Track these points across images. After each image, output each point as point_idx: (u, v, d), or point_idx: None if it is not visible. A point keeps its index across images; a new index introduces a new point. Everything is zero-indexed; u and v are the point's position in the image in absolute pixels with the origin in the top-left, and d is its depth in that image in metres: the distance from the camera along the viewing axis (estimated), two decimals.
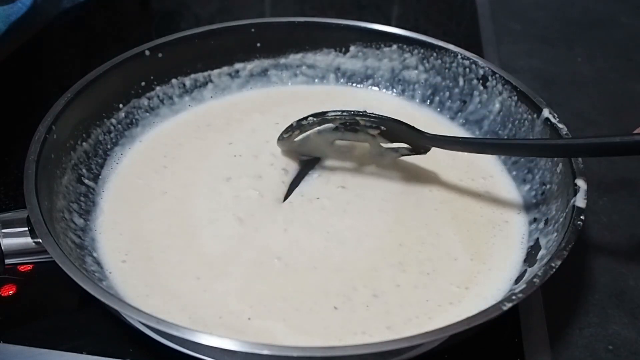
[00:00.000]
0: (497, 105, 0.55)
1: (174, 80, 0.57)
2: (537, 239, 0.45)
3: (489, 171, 0.53)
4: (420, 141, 0.48)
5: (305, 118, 0.49)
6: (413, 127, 0.47)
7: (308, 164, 0.53)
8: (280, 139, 0.51)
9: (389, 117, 0.47)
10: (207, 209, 0.48)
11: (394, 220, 0.48)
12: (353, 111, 0.48)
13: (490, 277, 0.44)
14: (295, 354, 0.32)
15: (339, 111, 0.48)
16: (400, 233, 0.46)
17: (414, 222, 0.48)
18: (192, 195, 0.49)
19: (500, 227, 0.48)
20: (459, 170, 0.53)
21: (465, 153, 0.54)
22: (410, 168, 0.52)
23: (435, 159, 0.53)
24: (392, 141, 0.49)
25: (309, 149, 0.52)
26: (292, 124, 0.49)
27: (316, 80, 0.62)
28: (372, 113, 0.47)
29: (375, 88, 0.62)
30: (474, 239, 0.47)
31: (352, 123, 0.48)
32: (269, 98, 0.60)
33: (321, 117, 0.48)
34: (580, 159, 0.44)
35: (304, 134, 0.50)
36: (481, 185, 0.52)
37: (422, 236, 0.46)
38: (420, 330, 0.34)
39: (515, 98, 0.53)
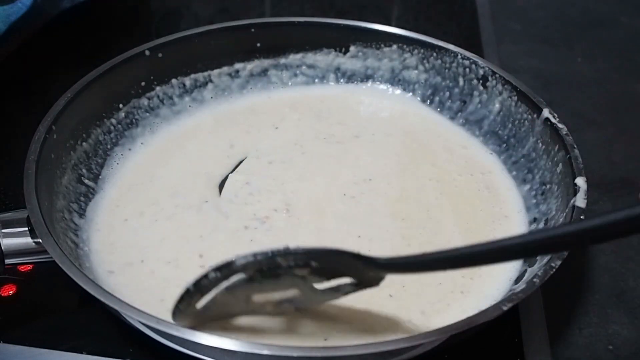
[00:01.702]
0: (497, 105, 0.55)
1: (174, 80, 0.57)
2: None
3: (488, 167, 0.53)
4: (370, 271, 0.35)
5: (205, 276, 0.34)
6: (359, 256, 0.34)
7: None
8: (176, 312, 0.36)
9: (323, 249, 0.34)
10: (208, 210, 0.48)
11: (396, 194, 0.49)
12: (270, 252, 0.33)
13: (492, 272, 0.44)
14: (295, 354, 0.32)
15: (249, 256, 0.34)
16: (403, 212, 0.48)
17: (416, 206, 0.49)
18: (192, 196, 0.49)
19: (500, 221, 0.48)
20: (458, 165, 0.53)
21: (463, 155, 0.54)
22: (407, 159, 0.53)
23: (433, 152, 0.54)
24: (328, 278, 0.35)
25: (218, 313, 0.37)
26: (187, 289, 0.35)
27: (316, 80, 0.62)
28: (297, 249, 0.34)
29: (375, 89, 0.62)
30: (474, 232, 0.47)
31: (270, 267, 0.34)
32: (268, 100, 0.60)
33: (227, 269, 0.34)
34: (580, 159, 0.45)
35: (207, 297, 0.36)
36: (480, 181, 0.52)
37: (423, 220, 0.47)
38: (440, 319, 0.34)
39: (515, 98, 0.53)
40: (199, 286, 0.35)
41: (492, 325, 0.35)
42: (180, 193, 0.49)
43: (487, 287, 0.43)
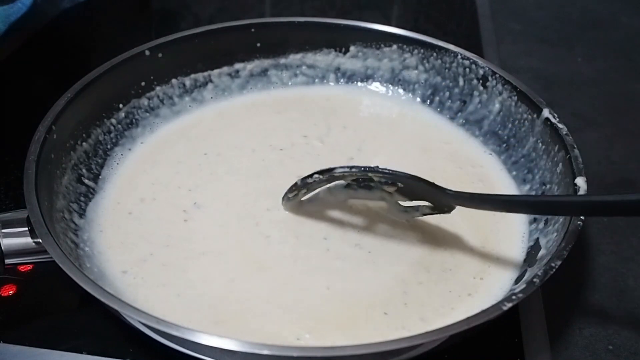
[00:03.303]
0: (497, 105, 0.55)
1: (174, 80, 0.57)
2: (537, 239, 0.45)
3: (488, 167, 0.53)
4: (443, 199, 0.43)
5: (311, 176, 0.44)
6: (433, 185, 0.42)
7: None
8: (285, 199, 0.46)
9: (405, 174, 0.42)
10: (209, 211, 0.48)
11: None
12: (364, 167, 0.43)
13: (499, 267, 0.44)
14: (295, 354, 0.32)
15: (347, 167, 0.43)
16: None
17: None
18: (193, 196, 0.49)
19: (502, 213, 0.48)
20: (458, 165, 0.53)
21: (463, 154, 0.54)
22: (407, 159, 0.53)
23: (433, 152, 0.54)
24: (411, 199, 0.44)
25: (318, 208, 0.47)
26: (296, 183, 0.45)
27: (316, 80, 0.62)
28: (385, 169, 0.43)
29: (375, 89, 0.62)
30: (479, 225, 0.47)
31: (365, 179, 0.44)
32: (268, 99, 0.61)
33: (328, 174, 0.44)
34: (580, 159, 0.44)
35: (312, 193, 0.46)
36: (479, 179, 0.52)
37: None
38: (446, 320, 0.35)
39: (515, 98, 0.53)
40: (305, 182, 0.45)
41: (492, 325, 0.35)
42: (182, 192, 0.49)
43: (494, 287, 0.43)
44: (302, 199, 0.46)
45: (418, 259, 0.44)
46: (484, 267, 0.44)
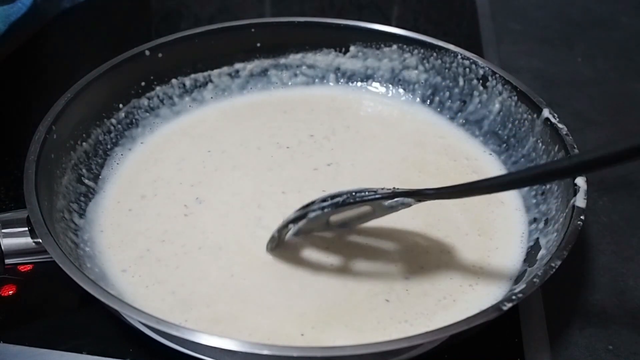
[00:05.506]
0: (497, 105, 0.55)
1: (174, 80, 0.57)
2: (537, 239, 0.45)
3: (488, 167, 0.53)
4: (425, 198, 0.41)
5: (285, 226, 0.42)
6: (412, 192, 0.40)
7: None
8: (269, 249, 0.44)
9: (379, 194, 0.40)
10: (212, 205, 0.48)
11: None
12: (336, 201, 0.40)
13: (498, 257, 0.45)
14: (295, 354, 0.32)
15: (318, 209, 0.40)
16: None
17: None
18: (195, 191, 0.49)
19: (496, 204, 0.49)
20: (458, 165, 0.54)
21: (462, 154, 0.54)
22: (406, 159, 0.53)
23: (433, 152, 0.54)
24: (394, 198, 0.41)
25: (304, 239, 0.45)
26: (273, 235, 0.43)
27: (316, 80, 0.62)
28: (360, 193, 0.40)
29: (375, 89, 0.62)
30: (480, 224, 0.47)
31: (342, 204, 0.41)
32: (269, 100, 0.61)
33: (302, 220, 0.41)
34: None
35: (292, 230, 0.43)
36: (472, 169, 0.53)
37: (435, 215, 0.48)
38: (448, 313, 0.36)
39: (515, 98, 0.53)
40: (281, 232, 0.43)
41: (492, 325, 0.35)
42: (182, 192, 0.49)
43: (493, 282, 0.43)
44: (285, 239, 0.44)
45: (417, 241, 0.45)
46: (482, 256, 0.45)
